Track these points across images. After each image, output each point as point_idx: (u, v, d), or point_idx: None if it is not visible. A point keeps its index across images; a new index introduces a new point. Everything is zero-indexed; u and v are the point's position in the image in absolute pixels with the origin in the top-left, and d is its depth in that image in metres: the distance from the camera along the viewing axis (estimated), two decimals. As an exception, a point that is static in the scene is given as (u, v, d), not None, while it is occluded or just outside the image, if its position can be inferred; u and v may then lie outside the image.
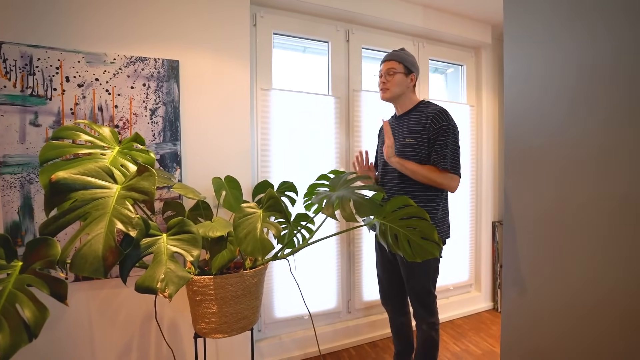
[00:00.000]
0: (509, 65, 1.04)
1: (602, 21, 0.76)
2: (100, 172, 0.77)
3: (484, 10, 2.10)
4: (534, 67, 0.95)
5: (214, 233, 0.97)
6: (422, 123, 1.25)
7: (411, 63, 1.34)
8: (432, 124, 1.23)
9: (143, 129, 1.41)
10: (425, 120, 1.24)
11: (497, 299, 2.41)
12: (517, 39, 1.00)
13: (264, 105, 1.69)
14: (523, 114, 0.99)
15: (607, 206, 0.75)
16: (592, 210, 0.79)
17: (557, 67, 0.88)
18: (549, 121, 0.91)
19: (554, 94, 0.89)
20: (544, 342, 0.93)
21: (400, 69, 1.31)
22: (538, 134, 0.94)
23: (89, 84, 1.32)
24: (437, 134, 1.22)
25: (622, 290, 0.72)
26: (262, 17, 1.71)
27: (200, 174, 1.49)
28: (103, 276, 0.64)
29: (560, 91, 0.88)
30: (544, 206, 0.92)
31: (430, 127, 1.22)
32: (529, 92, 0.97)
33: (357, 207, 0.90)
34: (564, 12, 0.85)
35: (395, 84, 1.31)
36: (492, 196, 2.41)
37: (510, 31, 1.02)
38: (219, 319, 1.01)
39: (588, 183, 0.80)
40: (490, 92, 2.37)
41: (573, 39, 0.83)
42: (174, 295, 0.75)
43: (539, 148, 0.94)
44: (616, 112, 0.76)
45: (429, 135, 1.23)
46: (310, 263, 1.83)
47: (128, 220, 0.70)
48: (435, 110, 1.25)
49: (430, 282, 1.34)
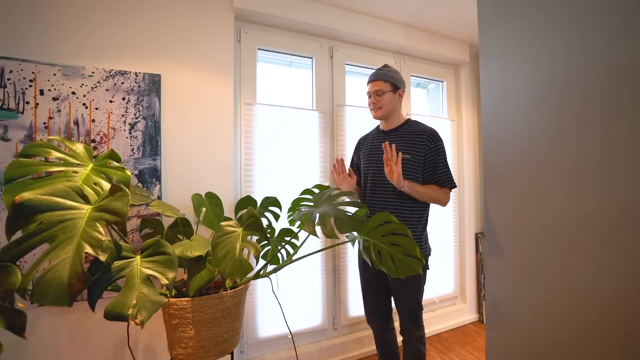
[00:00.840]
0: (484, 82, 1.07)
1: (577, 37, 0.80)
2: (70, 192, 0.73)
3: (461, 30, 2.20)
4: (508, 85, 0.99)
5: (192, 253, 0.94)
6: (417, 141, 1.32)
7: (397, 79, 1.38)
8: (429, 143, 1.31)
9: (121, 144, 1.37)
10: (420, 138, 1.32)
11: (482, 311, 2.42)
12: (492, 58, 1.05)
13: (247, 120, 1.68)
14: (499, 129, 1.02)
15: (584, 218, 0.77)
16: (570, 223, 0.81)
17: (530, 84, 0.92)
18: (523, 136, 0.94)
19: (528, 109, 0.93)
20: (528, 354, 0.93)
21: (387, 87, 1.36)
22: (513, 148, 0.97)
23: (64, 97, 1.28)
24: (435, 153, 1.31)
25: (601, 300, 0.74)
26: (246, 33, 1.73)
27: (181, 190, 1.46)
28: (68, 304, 0.60)
29: (533, 107, 0.91)
30: (523, 218, 0.94)
31: (426, 145, 1.31)
32: (504, 108, 1.01)
33: (338, 224, 0.90)
34: (537, 31, 0.89)
35: (385, 103, 1.37)
36: (475, 208, 2.46)
37: (485, 51, 1.07)
38: (197, 344, 0.96)
39: (564, 196, 0.82)
40: (469, 108, 2.45)
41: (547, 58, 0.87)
42: (146, 322, 0.71)
43: (515, 162, 0.96)
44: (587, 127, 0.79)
45: (424, 153, 1.31)
46: (294, 279, 1.79)
47: (98, 244, 0.66)
48: (430, 131, 1.34)
49: (420, 295, 1.36)
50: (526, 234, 0.93)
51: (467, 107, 2.43)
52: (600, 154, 0.73)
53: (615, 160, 0.71)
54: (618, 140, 0.70)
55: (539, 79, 0.88)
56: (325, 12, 1.84)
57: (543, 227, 0.88)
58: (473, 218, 2.44)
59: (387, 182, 1.32)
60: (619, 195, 0.70)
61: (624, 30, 0.70)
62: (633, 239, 0.68)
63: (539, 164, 0.89)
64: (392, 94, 1.37)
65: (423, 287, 1.38)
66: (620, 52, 0.73)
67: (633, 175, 0.68)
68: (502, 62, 1.01)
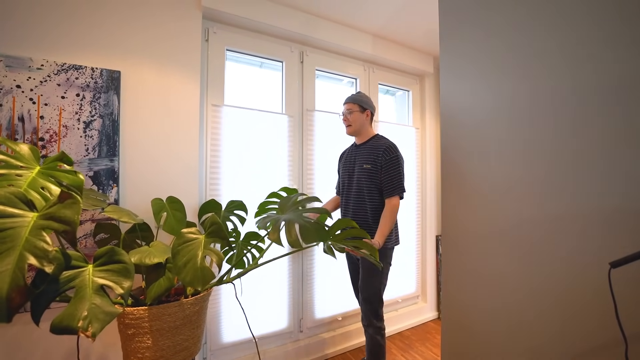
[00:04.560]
0: (444, 94, 1.16)
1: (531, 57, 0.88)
2: (12, 198, 0.68)
3: (426, 43, 2.32)
4: (465, 97, 1.08)
5: (150, 260, 0.91)
6: (376, 154, 1.55)
7: (365, 102, 1.61)
8: (384, 155, 1.53)
9: (74, 143, 1.28)
10: (379, 151, 1.54)
11: (441, 308, 2.57)
12: (451, 71, 1.13)
13: (214, 122, 1.65)
14: (456, 137, 1.10)
15: (535, 223, 0.86)
16: (522, 227, 0.90)
17: (486, 97, 1.00)
18: (477, 145, 1.02)
19: (483, 121, 1.01)
20: (479, 350, 1.01)
21: (355, 108, 1.60)
22: (469, 156, 1.05)
23: (7, 90, 1.18)
24: (388, 164, 1.51)
25: (549, 300, 0.83)
26: (215, 33, 1.69)
27: (142, 192, 1.39)
28: (6, 321, 0.56)
29: (488, 118, 1.00)
30: (477, 221, 1.02)
31: (382, 157, 1.53)
32: (461, 119, 1.09)
33: (303, 232, 0.91)
34: (495, 48, 0.97)
35: (354, 121, 1.60)
36: (436, 212, 2.60)
37: (445, 64, 1.15)
38: (154, 354, 0.93)
39: (516, 202, 0.91)
40: (432, 117, 2.59)
41: (503, 73, 0.95)
42: (98, 334, 0.68)
43: (470, 169, 1.05)
44: (535, 139, 0.88)
45: (381, 164, 1.53)
46: (260, 282, 1.78)
47: (43, 254, 0.62)
48: (387, 145, 1.55)
49: (381, 287, 1.52)
50: (478, 236, 1.02)
51: (431, 116, 2.57)
52: (547, 165, 0.82)
53: (557, 172, 0.80)
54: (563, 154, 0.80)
55: (495, 93, 0.97)
56: (296, 17, 1.85)
57: (492, 230, 0.97)
58: (434, 221, 2.58)
59: (355, 189, 1.59)
60: (556, 203, 0.80)
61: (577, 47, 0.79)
62: (566, 240, 0.77)
63: (490, 173, 0.98)
64: (359, 114, 1.60)
65: (385, 282, 1.55)
66: (568, 68, 0.83)
67: (571, 186, 0.78)
68: (461, 75, 1.09)
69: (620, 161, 0.68)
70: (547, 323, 0.82)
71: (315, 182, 2.00)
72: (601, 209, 0.71)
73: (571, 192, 0.77)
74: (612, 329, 0.65)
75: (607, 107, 0.71)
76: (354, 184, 1.59)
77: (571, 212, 0.77)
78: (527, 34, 0.87)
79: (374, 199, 1.53)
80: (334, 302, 2.06)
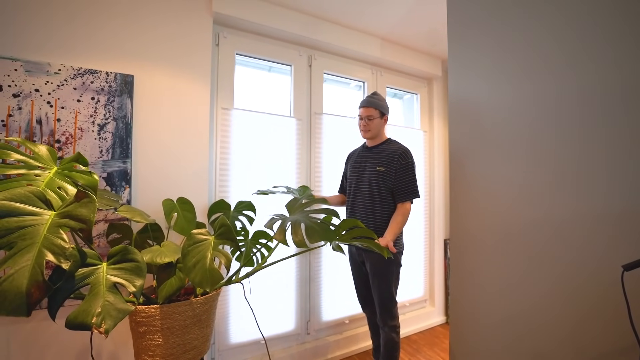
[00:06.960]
0: (452, 97, 1.16)
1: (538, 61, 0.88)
2: (31, 197, 0.71)
3: (434, 47, 2.32)
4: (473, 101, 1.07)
5: (161, 259, 0.93)
6: (391, 157, 1.55)
7: (384, 107, 1.60)
8: (400, 160, 1.53)
9: (89, 145, 1.32)
10: (394, 155, 1.54)
11: (449, 313, 2.53)
12: (459, 75, 1.13)
13: (224, 125, 1.68)
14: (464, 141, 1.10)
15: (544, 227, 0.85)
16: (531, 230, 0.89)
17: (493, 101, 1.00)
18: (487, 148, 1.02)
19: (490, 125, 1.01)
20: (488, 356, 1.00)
21: (376, 114, 1.58)
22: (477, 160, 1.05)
23: (26, 94, 1.22)
24: (403, 169, 1.53)
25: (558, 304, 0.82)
26: (225, 38, 1.72)
27: (153, 194, 1.42)
28: (26, 315, 0.58)
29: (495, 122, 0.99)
30: (485, 225, 1.01)
31: (398, 162, 1.53)
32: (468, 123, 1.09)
33: (309, 232, 0.92)
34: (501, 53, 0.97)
35: (374, 127, 1.59)
36: (444, 215, 2.57)
37: (454, 68, 1.15)
38: (164, 352, 0.95)
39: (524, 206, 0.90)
40: (441, 120, 2.58)
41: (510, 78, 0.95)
42: (111, 331, 0.70)
43: (478, 173, 1.04)
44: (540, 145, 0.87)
45: (395, 168, 1.53)
46: (268, 284, 1.79)
47: (61, 251, 0.65)
48: (403, 150, 1.56)
49: (393, 288, 1.54)
50: (486, 240, 1.01)
51: (439, 120, 2.56)
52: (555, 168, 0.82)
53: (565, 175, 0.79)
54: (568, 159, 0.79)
55: (503, 97, 0.96)
56: (304, 21, 1.88)
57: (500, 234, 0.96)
58: (442, 224, 2.55)
59: (365, 191, 1.58)
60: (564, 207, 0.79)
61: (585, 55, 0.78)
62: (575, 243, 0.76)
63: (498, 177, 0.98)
64: (379, 120, 1.59)
65: (397, 283, 1.56)
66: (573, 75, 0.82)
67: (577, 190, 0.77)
68: (468, 78, 1.09)
69: (628, 163, 0.67)
70: (556, 328, 0.81)
71: (323, 185, 2.01)
72: (609, 211, 0.70)
73: (580, 195, 0.76)
74: (625, 333, 0.64)
75: (612, 109, 0.70)
76: (364, 186, 1.58)
77: (580, 215, 0.76)
78: (533, 38, 0.87)
79: (385, 200, 1.53)
80: (341, 305, 2.05)
